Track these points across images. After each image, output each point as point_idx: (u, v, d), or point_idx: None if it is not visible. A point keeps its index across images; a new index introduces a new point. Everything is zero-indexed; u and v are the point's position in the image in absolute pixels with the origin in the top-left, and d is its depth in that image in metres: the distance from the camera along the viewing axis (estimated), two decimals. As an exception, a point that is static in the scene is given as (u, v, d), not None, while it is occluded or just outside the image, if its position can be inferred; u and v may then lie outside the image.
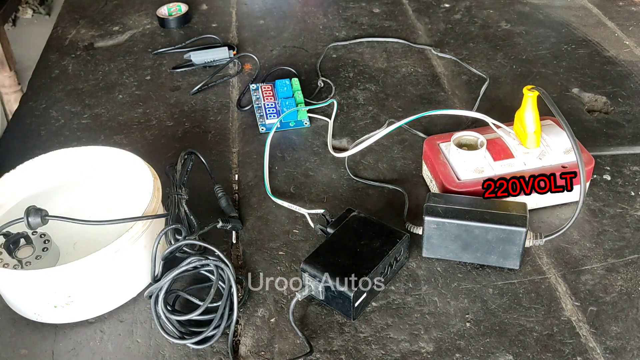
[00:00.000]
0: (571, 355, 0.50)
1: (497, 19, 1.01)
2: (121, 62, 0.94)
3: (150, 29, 1.03)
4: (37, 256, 0.55)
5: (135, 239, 0.54)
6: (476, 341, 0.52)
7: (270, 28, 1.02)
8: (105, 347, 0.53)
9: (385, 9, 1.05)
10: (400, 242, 0.56)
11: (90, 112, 0.83)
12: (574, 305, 0.55)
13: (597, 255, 0.59)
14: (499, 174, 0.62)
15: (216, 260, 0.54)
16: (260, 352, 0.52)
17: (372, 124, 0.78)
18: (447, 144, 0.65)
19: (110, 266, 0.53)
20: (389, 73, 0.88)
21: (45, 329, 0.55)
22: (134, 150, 0.62)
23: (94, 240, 0.61)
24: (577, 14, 1.01)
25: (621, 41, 0.93)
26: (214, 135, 0.78)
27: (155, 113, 0.82)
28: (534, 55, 0.90)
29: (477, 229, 0.56)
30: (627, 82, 0.84)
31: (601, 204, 0.64)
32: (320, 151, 0.74)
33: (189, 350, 0.52)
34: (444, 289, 0.56)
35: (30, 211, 0.53)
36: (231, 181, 0.70)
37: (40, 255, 0.55)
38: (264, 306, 0.56)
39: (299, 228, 0.63)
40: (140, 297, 0.57)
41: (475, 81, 0.85)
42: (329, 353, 0.52)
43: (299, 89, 0.82)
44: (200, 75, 0.90)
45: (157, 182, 0.60)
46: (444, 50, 0.92)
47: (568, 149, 0.63)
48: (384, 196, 0.67)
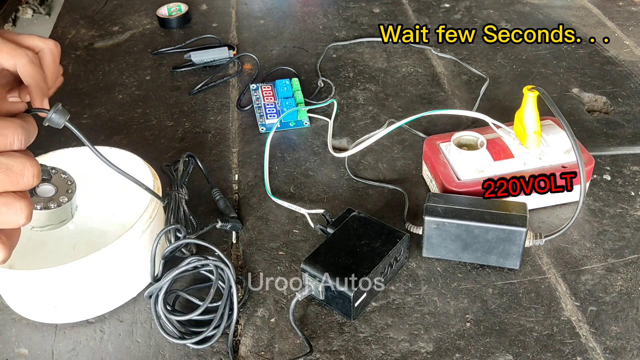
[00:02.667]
0: (571, 355, 0.50)
1: (497, 19, 1.01)
2: (121, 62, 0.94)
3: (150, 29, 1.03)
4: (59, 201, 0.49)
5: (135, 239, 0.54)
6: (476, 341, 0.52)
7: (270, 28, 1.02)
8: (105, 347, 0.53)
9: (385, 9, 1.06)
10: (400, 242, 0.56)
11: (90, 112, 0.83)
12: (574, 305, 0.55)
13: (597, 255, 0.59)
14: (499, 174, 0.62)
15: (216, 260, 0.54)
16: (260, 352, 0.52)
17: (372, 124, 0.78)
18: (447, 144, 0.65)
19: (110, 266, 0.53)
20: (389, 73, 0.88)
21: (45, 329, 0.55)
22: (134, 150, 0.62)
23: (94, 240, 0.61)
24: (577, 14, 1.01)
25: (621, 41, 0.93)
26: (214, 135, 0.78)
27: (155, 113, 0.82)
28: (534, 55, 0.90)
29: (477, 229, 0.56)
30: (627, 82, 0.84)
31: (601, 204, 0.64)
32: (320, 151, 0.74)
33: (189, 350, 0.52)
34: (444, 289, 0.56)
35: (58, 108, 0.45)
36: (231, 181, 0.70)
37: (60, 199, 0.49)
38: (264, 306, 0.56)
39: (299, 228, 0.63)
40: (140, 297, 0.57)
41: (475, 81, 0.85)
42: (329, 353, 0.52)
43: (299, 89, 0.82)
44: (200, 75, 0.90)
45: (157, 182, 0.60)
46: (444, 50, 0.92)
47: (568, 149, 0.63)
48: (384, 196, 0.67)
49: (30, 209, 0.41)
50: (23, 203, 0.40)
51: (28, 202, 0.40)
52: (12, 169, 0.39)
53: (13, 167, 0.39)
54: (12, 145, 0.40)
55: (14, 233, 0.42)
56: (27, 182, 0.40)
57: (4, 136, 0.39)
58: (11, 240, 0.41)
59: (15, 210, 0.39)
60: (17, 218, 0.40)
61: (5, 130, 0.39)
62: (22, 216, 0.40)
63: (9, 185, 0.39)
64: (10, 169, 0.39)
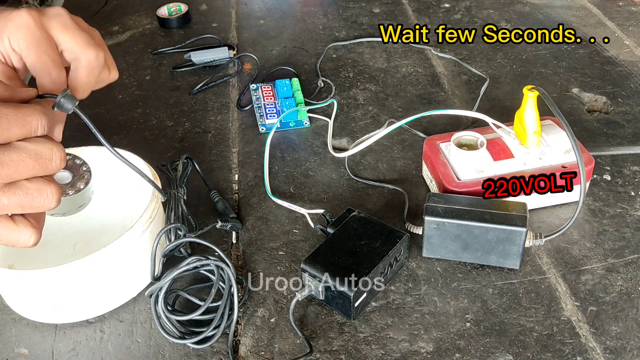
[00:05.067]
0: (571, 355, 0.50)
1: (497, 19, 1.01)
2: (121, 62, 0.94)
3: (150, 29, 1.03)
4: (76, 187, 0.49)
5: (136, 238, 0.54)
6: (476, 341, 0.52)
7: (270, 28, 1.02)
8: (105, 347, 0.53)
9: (385, 9, 1.06)
10: (400, 242, 0.56)
11: (90, 112, 0.83)
12: (574, 305, 0.55)
13: (597, 255, 0.59)
14: (499, 174, 0.62)
15: (216, 260, 0.54)
16: (260, 352, 0.52)
17: (372, 124, 0.78)
18: (447, 144, 0.65)
19: (110, 266, 0.53)
20: (389, 73, 0.88)
21: (45, 329, 0.55)
22: (134, 150, 0.62)
23: (94, 240, 0.61)
24: (577, 14, 1.01)
25: (621, 41, 0.93)
26: (214, 135, 0.78)
27: (155, 113, 0.82)
28: (534, 55, 0.90)
29: (477, 229, 0.56)
30: (627, 82, 0.84)
31: (601, 204, 0.64)
32: (320, 151, 0.74)
33: (189, 350, 0.52)
34: (444, 289, 0.56)
35: (67, 94, 0.44)
36: (231, 181, 0.70)
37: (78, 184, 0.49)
38: (264, 306, 0.56)
39: (299, 228, 0.63)
40: (140, 297, 0.57)
41: (475, 81, 0.85)
42: (329, 353, 0.52)
43: (299, 89, 0.82)
44: (200, 75, 0.90)
45: (157, 182, 0.59)
46: (444, 50, 0.92)
47: (568, 149, 0.63)
48: (384, 196, 0.67)
49: (60, 192, 0.42)
50: (53, 187, 0.41)
51: (57, 186, 0.41)
52: (42, 155, 0.40)
53: (42, 153, 0.40)
54: (37, 132, 0.40)
55: (41, 216, 0.43)
56: (55, 166, 0.41)
57: (29, 123, 0.40)
58: (40, 223, 0.43)
59: (47, 194, 0.41)
60: (49, 202, 0.41)
61: (29, 117, 0.40)
62: (53, 200, 0.41)
63: (39, 170, 0.40)
64: (39, 154, 0.40)
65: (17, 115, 0.39)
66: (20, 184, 0.39)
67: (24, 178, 0.40)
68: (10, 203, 0.39)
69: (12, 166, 0.38)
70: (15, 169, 0.39)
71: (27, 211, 0.41)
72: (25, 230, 0.41)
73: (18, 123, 0.39)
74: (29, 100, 0.43)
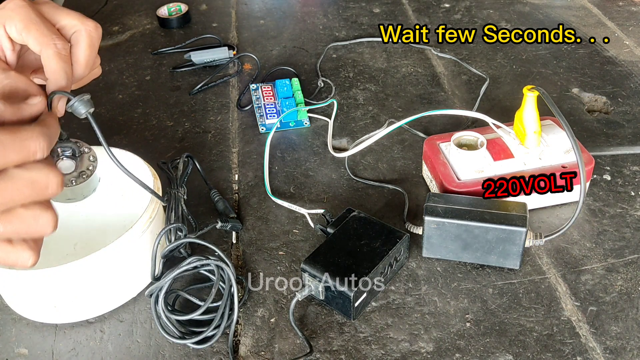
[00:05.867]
0: (571, 355, 0.50)
1: (497, 19, 1.01)
2: (121, 62, 0.94)
3: (150, 29, 1.03)
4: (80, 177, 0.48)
5: (136, 238, 0.54)
6: (476, 341, 0.52)
7: (270, 28, 1.02)
8: (105, 347, 0.53)
9: (385, 9, 1.06)
10: (400, 242, 0.56)
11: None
12: (574, 305, 0.55)
13: (597, 255, 0.59)
14: (499, 174, 0.62)
15: (217, 260, 0.54)
16: (260, 352, 0.52)
17: (372, 124, 0.78)
18: (447, 144, 0.65)
19: (111, 266, 0.53)
20: (389, 73, 0.88)
21: (45, 329, 0.55)
22: (134, 150, 0.62)
23: (94, 240, 0.61)
24: (577, 14, 1.01)
25: (621, 41, 0.93)
26: (214, 135, 0.78)
27: (155, 113, 0.82)
28: (534, 55, 0.90)
29: (477, 229, 0.56)
30: (627, 82, 0.84)
31: (601, 204, 0.64)
32: (320, 151, 0.74)
33: (189, 350, 0.52)
34: (444, 289, 0.56)
35: (84, 99, 0.44)
36: (231, 181, 0.70)
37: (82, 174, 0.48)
38: (264, 306, 0.56)
39: (299, 228, 0.63)
40: (140, 297, 0.57)
41: (475, 81, 0.85)
42: (329, 353, 0.52)
43: (299, 89, 0.82)
44: (200, 75, 0.90)
45: (157, 182, 0.60)
46: (444, 50, 0.92)
47: (568, 149, 0.63)
48: (384, 196, 0.67)
49: (56, 218, 0.41)
50: (49, 214, 0.40)
51: (53, 212, 0.40)
52: (38, 182, 0.38)
53: (38, 180, 0.38)
54: (35, 156, 0.39)
55: (40, 237, 0.42)
56: (51, 192, 0.39)
57: (26, 148, 0.38)
58: (38, 244, 0.42)
59: (43, 221, 0.40)
60: (45, 228, 0.40)
61: (27, 141, 0.38)
62: (49, 227, 0.40)
63: (35, 197, 0.39)
64: (35, 182, 0.38)
65: (14, 141, 0.37)
66: (15, 212, 0.38)
67: (19, 205, 0.38)
68: (6, 230, 0.38)
69: (7, 195, 0.37)
70: (10, 197, 0.37)
71: (23, 237, 0.40)
72: (24, 253, 0.40)
73: (15, 149, 0.37)
74: (36, 116, 0.41)
